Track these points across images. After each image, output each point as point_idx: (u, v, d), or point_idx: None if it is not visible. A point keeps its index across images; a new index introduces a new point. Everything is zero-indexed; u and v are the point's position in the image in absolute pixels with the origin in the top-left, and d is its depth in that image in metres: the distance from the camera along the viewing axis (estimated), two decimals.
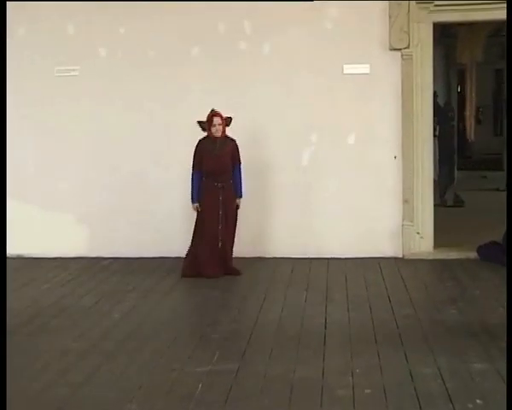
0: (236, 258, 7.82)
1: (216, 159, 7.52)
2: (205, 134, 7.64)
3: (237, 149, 7.69)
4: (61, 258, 8.69)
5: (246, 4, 8.37)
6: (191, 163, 7.64)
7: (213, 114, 7.55)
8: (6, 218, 6.15)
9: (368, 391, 4.56)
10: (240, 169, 7.73)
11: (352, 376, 4.80)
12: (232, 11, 8.44)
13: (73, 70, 8.77)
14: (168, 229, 8.63)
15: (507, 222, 6.59)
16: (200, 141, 7.65)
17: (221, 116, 7.53)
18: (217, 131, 7.52)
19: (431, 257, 8.39)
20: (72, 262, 8.56)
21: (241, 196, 7.78)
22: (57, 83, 8.78)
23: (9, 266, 8.33)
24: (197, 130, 7.59)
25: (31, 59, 8.82)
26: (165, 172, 8.65)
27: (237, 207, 7.77)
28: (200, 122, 7.61)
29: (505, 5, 8.05)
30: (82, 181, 8.84)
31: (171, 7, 8.47)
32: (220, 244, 7.59)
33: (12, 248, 8.62)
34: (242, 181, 7.76)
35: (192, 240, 7.71)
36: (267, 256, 8.43)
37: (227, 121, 7.60)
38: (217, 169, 7.55)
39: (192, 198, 7.66)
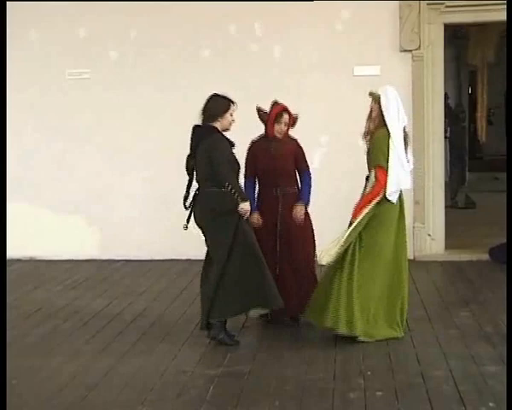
0: None
1: (272, 159, 5.94)
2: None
3: (301, 150, 6.13)
4: (72, 260, 8.72)
5: (257, 6, 8.37)
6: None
7: (283, 107, 5.99)
8: (6, 219, 6.19)
9: (379, 394, 4.55)
10: (309, 175, 6.10)
11: (364, 378, 4.79)
12: (243, 13, 8.45)
13: (85, 73, 8.80)
14: (180, 231, 8.62)
15: (507, 223, 6.59)
16: (252, 142, 6.12)
17: (290, 114, 6.03)
18: (281, 131, 6.00)
19: (442, 259, 8.37)
20: (83, 264, 8.59)
21: (305, 202, 6.00)
22: (69, 86, 8.81)
23: (21, 268, 8.42)
24: None
25: (42, 62, 8.85)
26: (177, 175, 8.63)
27: (306, 213, 6.02)
28: (260, 111, 6.07)
29: None
30: (94, 184, 8.86)
31: (181, 9, 8.49)
32: (278, 270, 5.86)
33: (24, 251, 8.69)
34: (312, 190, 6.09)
35: None
36: None
37: (293, 121, 6.10)
38: (273, 172, 5.95)
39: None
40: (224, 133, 5.55)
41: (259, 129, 6.05)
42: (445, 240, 8.56)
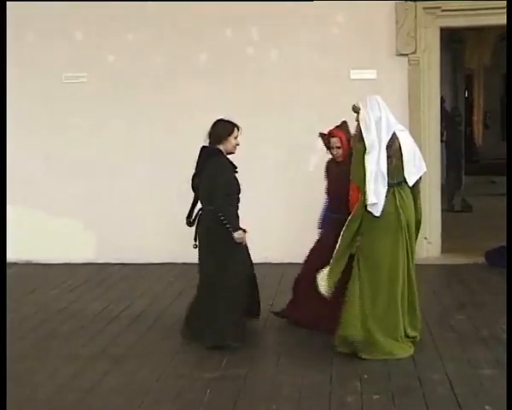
0: None
1: (336, 183, 5.87)
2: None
3: None
4: (69, 264, 8.71)
5: (253, 10, 8.38)
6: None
7: (330, 133, 5.90)
8: (6, 222, 6.19)
9: (376, 397, 4.56)
10: None
11: (360, 381, 4.80)
12: (240, 17, 8.46)
13: (81, 76, 8.81)
14: (176, 234, 8.63)
15: (507, 224, 6.61)
16: (327, 161, 6.13)
17: (341, 136, 5.83)
18: (337, 154, 5.88)
19: (439, 262, 8.37)
20: (80, 268, 8.58)
21: None
22: (65, 89, 8.81)
23: (18, 272, 8.40)
24: (204, 136, 7.46)
25: (39, 65, 8.85)
26: (174, 179, 8.65)
27: None
28: (322, 136, 6.05)
29: None
30: (90, 187, 8.86)
31: (178, 13, 8.50)
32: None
33: (21, 255, 8.67)
34: None
35: None
36: (274, 262, 8.37)
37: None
38: (335, 195, 5.89)
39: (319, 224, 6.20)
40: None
41: (257, 131, 6.05)
42: (442, 243, 8.58)
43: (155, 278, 8.01)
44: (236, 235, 5.53)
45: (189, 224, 5.76)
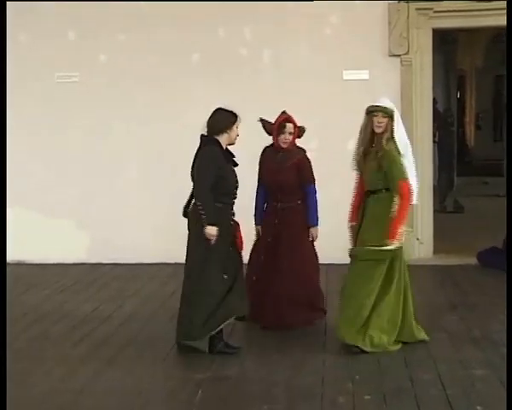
0: None
1: (275, 172, 5.96)
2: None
3: (307, 162, 6.08)
4: (61, 264, 8.69)
5: (246, 10, 8.37)
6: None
7: (286, 118, 5.96)
8: (6, 224, 6.16)
9: (368, 397, 4.56)
10: (313, 190, 6.12)
11: (352, 382, 4.80)
12: (232, 17, 8.46)
13: (74, 76, 8.79)
14: (168, 235, 8.63)
15: (507, 224, 6.61)
16: (264, 149, 6.19)
17: (295, 124, 5.98)
18: (285, 141, 5.96)
19: (431, 263, 8.39)
20: (72, 268, 8.56)
21: (314, 224, 6.09)
22: (58, 89, 8.79)
23: (10, 272, 8.33)
24: (196, 135, 7.40)
25: (31, 65, 8.83)
26: (165, 178, 8.64)
27: (312, 239, 6.11)
28: (264, 122, 6.08)
29: (505, 11, 8.10)
30: (82, 187, 8.84)
31: (171, 13, 8.49)
32: (254, 278, 5.99)
33: (12, 255, 8.61)
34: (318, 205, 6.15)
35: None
36: None
37: (299, 132, 6.06)
38: (275, 184, 5.99)
39: (255, 219, 6.24)
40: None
41: (249, 130, 6.03)
42: (434, 244, 8.59)
43: (147, 278, 7.99)
44: (207, 229, 5.23)
45: (184, 214, 5.58)
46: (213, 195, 5.31)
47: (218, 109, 5.55)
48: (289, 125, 5.92)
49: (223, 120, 5.48)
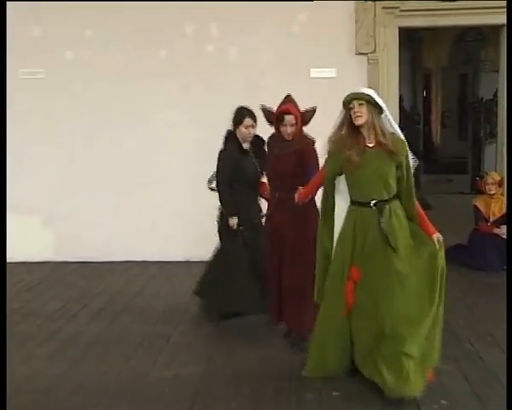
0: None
1: (275, 160, 5.41)
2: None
3: (311, 152, 5.31)
4: (26, 262, 8.59)
5: (213, 7, 8.35)
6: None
7: (285, 109, 5.30)
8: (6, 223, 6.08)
9: (335, 394, 4.59)
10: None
11: (321, 378, 4.82)
12: (199, 14, 8.43)
13: (39, 72, 8.69)
14: (135, 233, 8.59)
15: (507, 224, 6.66)
16: (270, 137, 5.63)
17: (296, 114, 5.30)
18: (288, 133, 5.31)
19: None
20: (38, 266, 8.47)
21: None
22: (22, 85, 8.68)
23: None
24: (172, 129, 7.23)
25: None
26: (134, 175, 8.60)
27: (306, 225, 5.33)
28: (265, 111, 5.52)
29: (471, 12, 8.22)
30: (48, 183, 8.75)
31: (137, 9, 8.44)
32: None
33: None
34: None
35: None
36: None
37: (305, 117, 5.36)
38: (274, 174, 5.47)
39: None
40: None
41: (217, 129, 6.02)
42: None
43: (114, 277, 7.94)
44: (230, 220, 5.72)
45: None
46: (235, 186, 5.74)
47: (240, 107, 5.93)
48: (288, 118, 5.24)
49: (234, 116, 5.89)
